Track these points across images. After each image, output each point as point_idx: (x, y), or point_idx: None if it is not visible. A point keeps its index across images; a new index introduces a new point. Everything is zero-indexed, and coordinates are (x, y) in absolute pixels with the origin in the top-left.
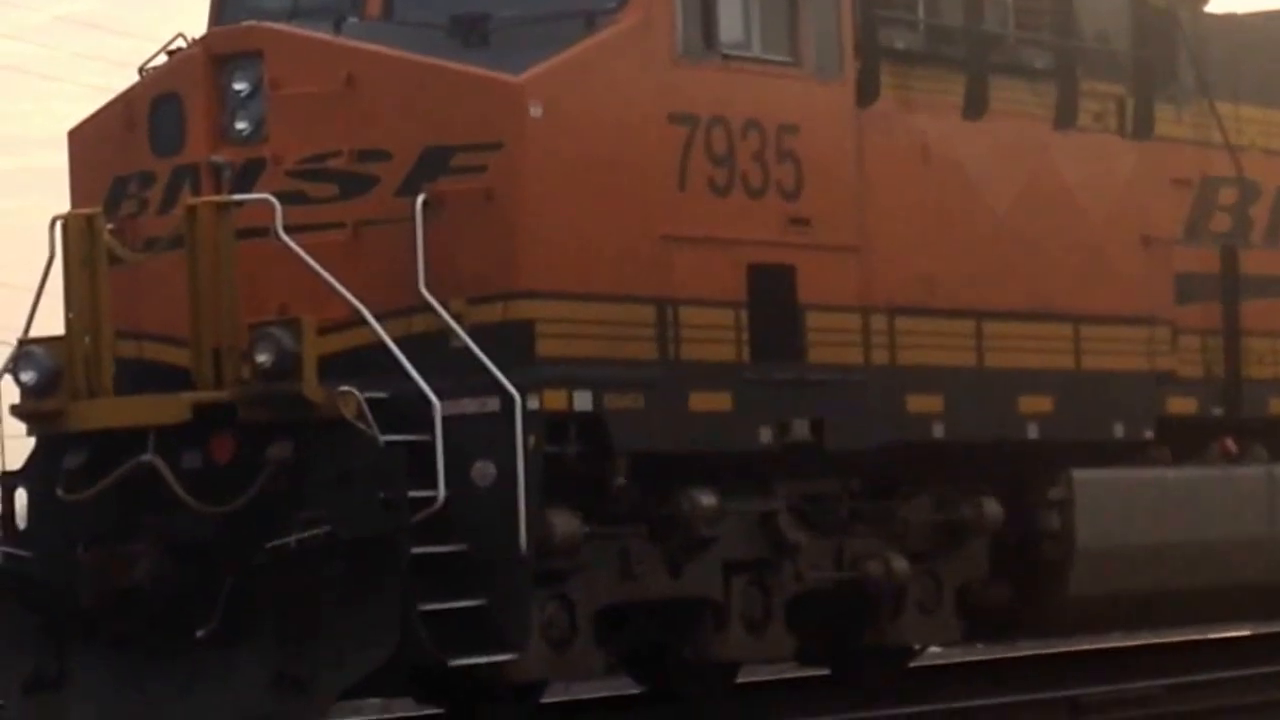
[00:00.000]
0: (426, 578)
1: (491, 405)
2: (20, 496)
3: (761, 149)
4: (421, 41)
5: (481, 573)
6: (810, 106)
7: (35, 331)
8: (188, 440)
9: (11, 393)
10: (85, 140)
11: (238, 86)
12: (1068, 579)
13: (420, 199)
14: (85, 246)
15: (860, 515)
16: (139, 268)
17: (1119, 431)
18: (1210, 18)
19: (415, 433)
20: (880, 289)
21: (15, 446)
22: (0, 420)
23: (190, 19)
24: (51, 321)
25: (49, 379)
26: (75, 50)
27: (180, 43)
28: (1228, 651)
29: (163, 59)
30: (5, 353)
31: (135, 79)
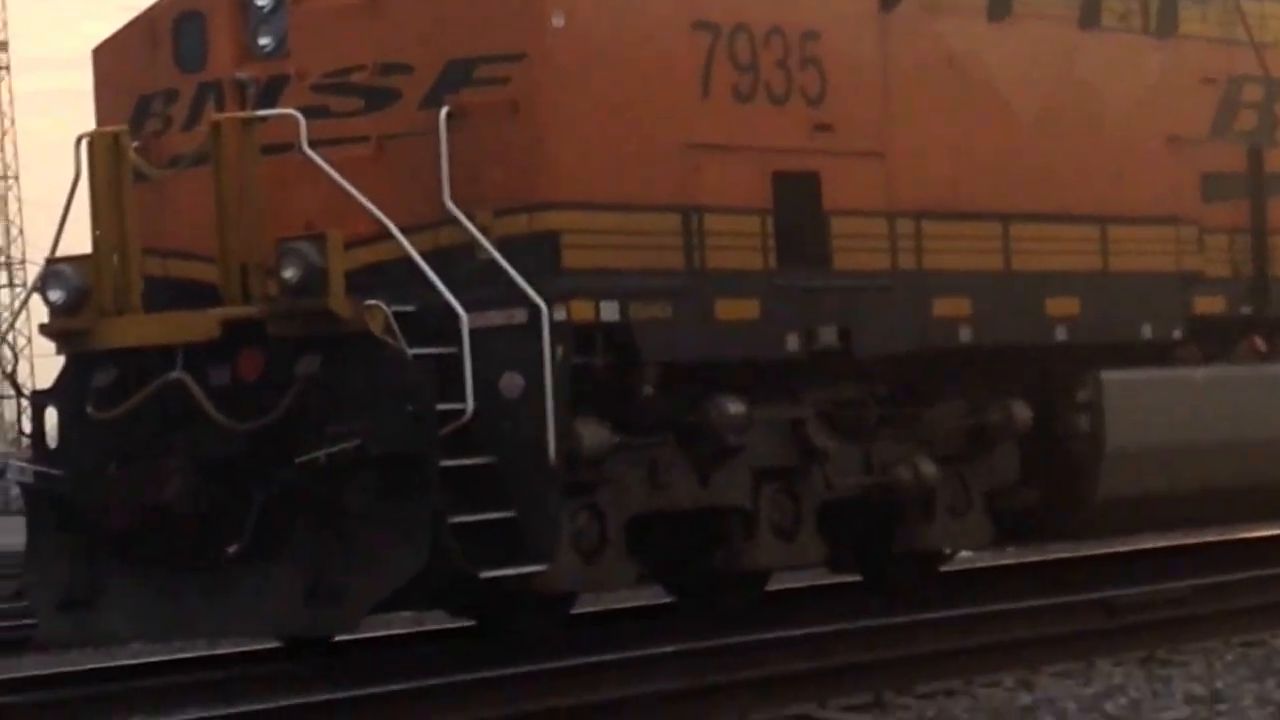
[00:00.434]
0: (456, 491)
1: (518, 317)
2: (50, 415)
3: (784, 55)
4: None
5: (510, 485)
6: (833, 12)
7: (63, 250)
8: (216, 357)
9: (41, 312)
10: (109, 59)
11: (260, 2)
12: (1097, 481)
13: (444, 111)
14: (111, 165)
15: (888, 420)
16: (165, 185)
17: (1147, 332)
18: None
19: (442, 346)
20: (906, 193)
21: (45, 366)
22: (29, 340)
23: None
24: (79, 241)
25: (77, 297)
26: None
27: None
28: (1259, 551)
29: None
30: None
31: None
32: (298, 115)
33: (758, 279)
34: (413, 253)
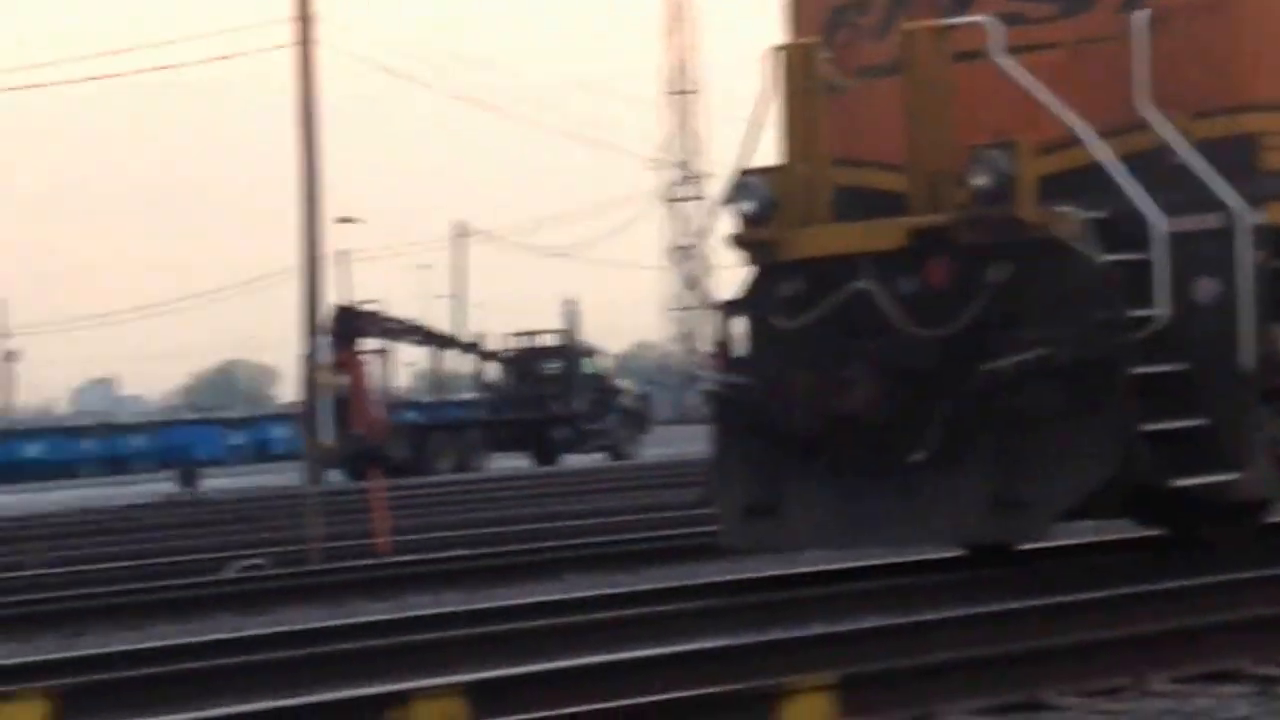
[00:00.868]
0: (1147, 398)
1: (1211, 222)
2: (737, 325)
3: None
4: None
5: (1203, 392)
6: None
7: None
8: (903, 266)
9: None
10: None
11: None
12: None
13: (1145, 14)
14: (803, 76)
15: None
16: (854, 95)
17: None
18: None
19: (1133, 252)
20: None
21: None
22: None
23: None
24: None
25: (767, 208)
26: None
27: None
28: None
29: None
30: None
31: None
32: (993, 22)
33: None
34: (1105, 157)
